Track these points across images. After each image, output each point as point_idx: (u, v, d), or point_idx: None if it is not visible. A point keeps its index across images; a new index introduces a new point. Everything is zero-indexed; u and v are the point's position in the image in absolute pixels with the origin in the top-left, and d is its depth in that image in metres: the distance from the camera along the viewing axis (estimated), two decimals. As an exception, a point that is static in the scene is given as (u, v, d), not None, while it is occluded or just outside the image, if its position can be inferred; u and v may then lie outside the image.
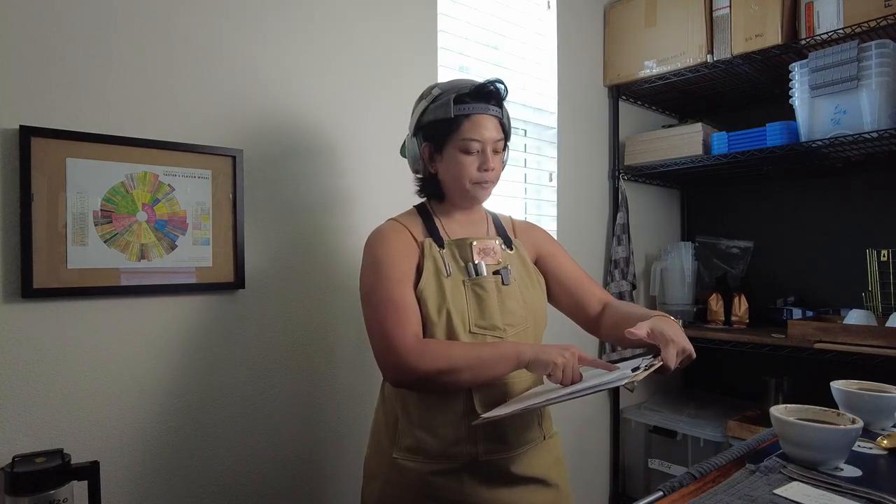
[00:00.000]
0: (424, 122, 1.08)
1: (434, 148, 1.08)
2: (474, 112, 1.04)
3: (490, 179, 1.08)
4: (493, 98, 1.06)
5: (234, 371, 1.27)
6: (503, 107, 1.09)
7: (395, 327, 0.96)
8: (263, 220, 1.32)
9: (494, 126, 1.06)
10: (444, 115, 1.04)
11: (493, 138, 1.05)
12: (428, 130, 1.08)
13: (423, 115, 1.08)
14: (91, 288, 1.08)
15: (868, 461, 0.86)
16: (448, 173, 1.08)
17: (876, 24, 1.62)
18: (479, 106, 1.04)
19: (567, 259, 1.21)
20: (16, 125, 1.01)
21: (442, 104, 1.05)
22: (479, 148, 1.04)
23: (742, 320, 2.12)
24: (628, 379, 0.78)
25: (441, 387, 0.98)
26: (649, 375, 0.83)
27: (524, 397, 0.99)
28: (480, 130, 1.04)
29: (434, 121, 1.06)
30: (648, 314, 1.00)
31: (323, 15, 1.42)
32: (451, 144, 1.05)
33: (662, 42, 2.05)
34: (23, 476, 0.89)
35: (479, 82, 1.06)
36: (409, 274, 1.03)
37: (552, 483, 1.09)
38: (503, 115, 1.08)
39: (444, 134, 1.05)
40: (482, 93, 1.05)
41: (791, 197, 2.32)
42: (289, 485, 1.35)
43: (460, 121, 1.03)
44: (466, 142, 1.03)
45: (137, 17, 1.15)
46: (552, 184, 2.06)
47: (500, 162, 1.09)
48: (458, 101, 1.04)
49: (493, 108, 1.05)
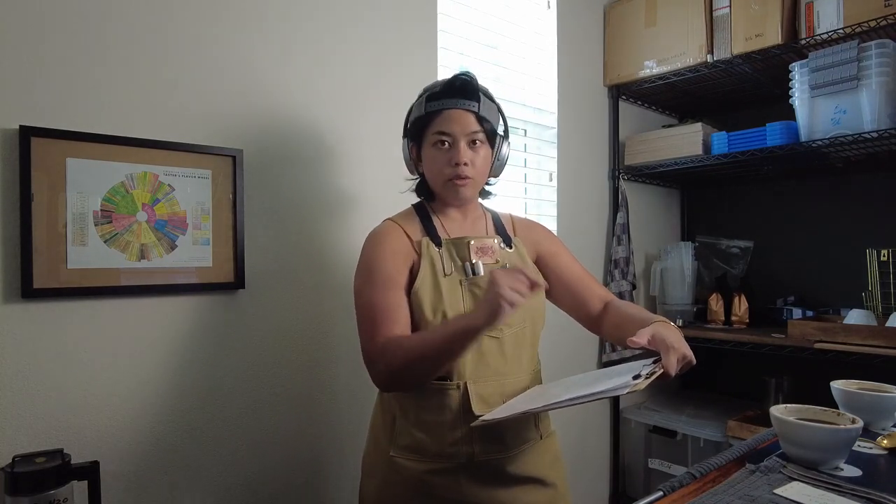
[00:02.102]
0: (409, 123, 1.12)
1: (417, 147, 1.11)
2: (444, 107, 1.05)
3: (466, 174, 1.05)
4: (463, 92, 1.06)
5: (233, 370, 1.27)
6: (480, 100, 1.06)
7: (369, 331, 0.98)
8: (263, 220, 1.32)
9: (467, 119, 1.05)
10: (419, 112, 1.08)
11: (465, 131, 1.05)
12: (411, 130, 1.11)
13: (409, 116, 1.12)
14: (91, 288, 1.08)
15: (868, 461, 0.86)
16: (427, 170, 1.10)
17: (876, 24, 1.62)
18: (450, 101, 1.05)
19: (568, 257, 1.20)
20: (16, 125, 1.01)
21: (419, 103, 1.09)
22: (450, 141, 1.05)
23: (742, 320, 2.12)
24: (629, 388, 0.78)
25: (414, 380, 0.97)
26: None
27: (523, 399, 0.98)
28: (449, 124, 1.04)
29: (414, 120, 1.10)
30: (650, 318, 1.00)
31: (323, 15, 1.42)
32: (427, 141, 1.08)
33: (662, 42, 2.05)
34: (23, 476, 0.89)
35: (449, 78, 1.07)
36: (397, 277, 1.02)
37: (550, 482, 1.09)
38: (480, 109, 1.06)
39: (421, 131, 1.08)
40: (451, 87, 1.06)
41: (791, 197, 2.32)
42: (288, 482, 1.36)
43: (432, 117, 1.06)
44: (436, 135, 1.05)
45: (137, 17, 1.15)
46: (552, 184, 2.06)
47: (480, 156, 1.07)
48: (431, 98, 1.06)
49: (464, 101, 1.05)
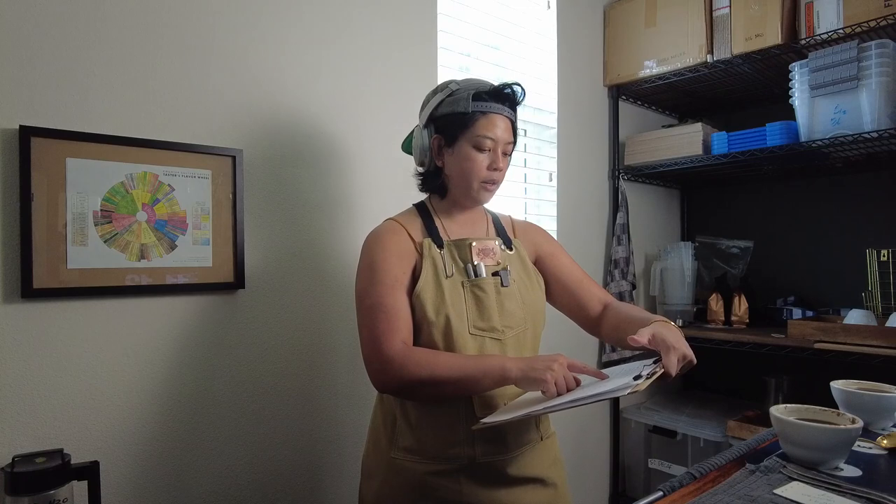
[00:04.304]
0: (438, 115, 1.08)
1: (445, 141, 1.08)
2: (491, 111, 1.05)
3: (497, 180, 1.09)
4: (509, 100, 1.08)
5: (233, 370, 1.27)
6: (517, 111, 1.10)
7: (383, 333, 0.96)
8: (263, 220, 1.32)
9: (507, 128, 1.07)
10: (461, 109, 1.05)
11: (505, 139, 1.06)
12: (441, 123, 1.08)
13: (438, 108, 1.08)
14: (91, 288, 1.08)
15: (868, 461, 0.86)
16: (456, 168, 1.07)
17: (876, 24, 1.62)
18: (497, 106, 1.05)
19: (567, 259, 1.21)
20: (16, 125, 1.01)
21: (459, 98, 1.06)
22: (492, 146, 1.05)
23: (742, 320, 2.12)
24: (630, 389, 0.78)
25: (423, 397, 0.99)
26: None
27: (524, 402, 0.97)
28: (495, 129, 1.05)
29: (449, 114, 1.06)
30: (649, 318, 1.00)
31: (323, 15, 1.42)
32: (464, 139, 1.05)
33: (662, 42, 2.05)
34: (23, 476, 0.89)
35: (499, 84, 1.08)
36: (402, 278, 1.02)
37: (550, 482, 1.09)
38: (516, 119, 1.10)
39: (458, 128, 1.06)
40: (501, 93, 1.07)
41: (791, 197, 2.32)
42: (288, 483, 1.36)
43: (476, 117, 1.04)
44: (480, 138, 1.04)
45: (137, 17, 1.15)
46: (552, 184, 2.06)
47: (507, 165, 1.10)
48: (477, 98, 1.05)
49: (508, 109, 1.07)
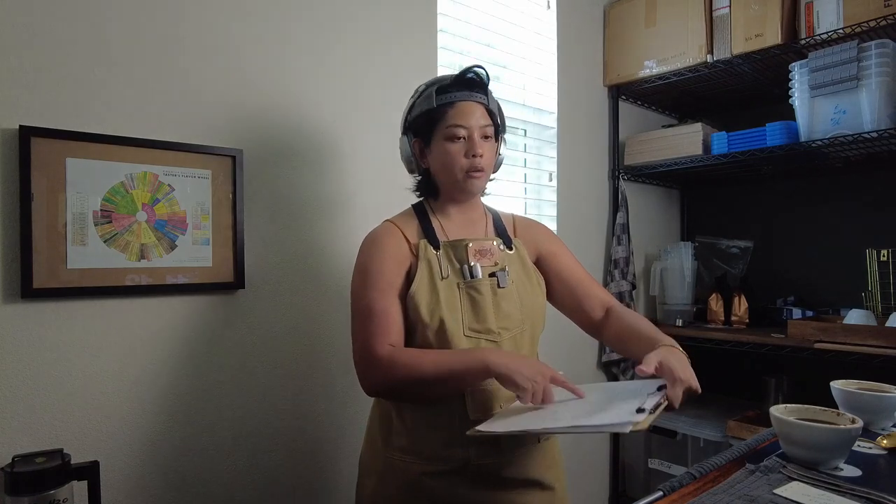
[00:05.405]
0: (412, 118, 1.09)
1: (423, 142, 1.09)
2: (457, 99, 1.04)
3: (481, 167, 1.05)
4: (475, 85, 1.06)
5: (233, 370, 1.27)
6: (489, 94, 1.08)
7: (372, 336, 0.97)
8: (263, 220, 1.32)
9: (480, 113, 1.05)
10: (428, 106, 1.05)
11: (479, 124, 1.05)
12: (416, 125, 1.09)
13: (411, 112, 1.10)
14: (91, 288, 1.08)
15: (868, 461, 0.86)
16: (438, 165, 1.07)
17: (876, 24, 1.62)
18: (462, 93, 1.05)
19: (569, 257, 1.19)
20: (16, 125, 1.01)
21: (426, 96, 1.06)
22: (466, 134, 1.04)
23: (742, 320, 2.12)
24: (631, 427, 0.76)
25: (412, 397, 0.99)
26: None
27: (520, 408, 0.95)
28: (465, 117, 1.04)
29: (420, 114, 1.07)
30: (654, 337, 0.99)
31: (323, 15, 1.42)
32: (438, 134, 1.05)
33: (662, 42, 2.05)
34: (23, 476, 0.89)
35: (459, 71, 1.07)
36: (395, 282, 1.02)
37: (548, 485, 1.08)
38: (489, 102, 1.08)
39: (431, 125, 1.06)
40: (464, 80, 1.06)
41: (791, 197, 2.32)
42: (287, 481, 1.36)
43: (444, 110, 1.04)
44: (452, 128, 1.04)
45: (137, 17, 1.15)
46: (552, 184, 2.06)
47: (490, 149, 1.07)
48: (441, 92, 1.05)
49: (476, 94, 1.06)
